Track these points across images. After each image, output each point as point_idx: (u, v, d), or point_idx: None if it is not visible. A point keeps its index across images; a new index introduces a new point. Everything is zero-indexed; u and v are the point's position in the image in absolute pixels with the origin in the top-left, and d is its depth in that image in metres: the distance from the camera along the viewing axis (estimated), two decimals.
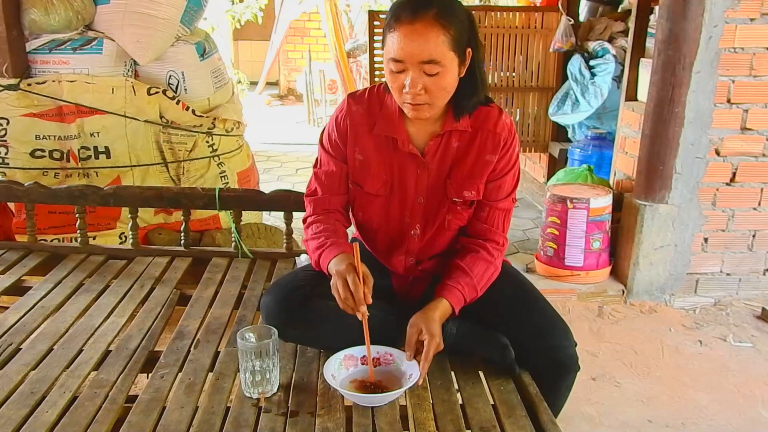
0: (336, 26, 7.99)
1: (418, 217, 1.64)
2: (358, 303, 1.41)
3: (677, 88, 2.88)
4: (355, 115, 1.60)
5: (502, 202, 1.64)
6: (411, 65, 1.40)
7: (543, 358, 1.54)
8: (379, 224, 1.67)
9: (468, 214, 1.64)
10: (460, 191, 1.59)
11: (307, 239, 1.65)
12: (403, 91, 1.44)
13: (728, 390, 2.49)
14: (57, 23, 2.80)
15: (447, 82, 1.44)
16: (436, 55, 1.39)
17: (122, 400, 1.45)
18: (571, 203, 3.10)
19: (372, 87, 1.64)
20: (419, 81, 1.41)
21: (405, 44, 1.39)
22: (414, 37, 1.38)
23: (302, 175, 5.66)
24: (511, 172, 1.62)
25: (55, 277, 2.14)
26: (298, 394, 1.45)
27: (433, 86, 1.43)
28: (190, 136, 3.03)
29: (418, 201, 1.62)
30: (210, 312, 1.92)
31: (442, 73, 1.42)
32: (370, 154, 1.60)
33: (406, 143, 1.57)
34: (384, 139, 1.59)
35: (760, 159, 3.02)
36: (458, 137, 1.57)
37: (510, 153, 1.60)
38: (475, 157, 1.58)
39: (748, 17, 2.81)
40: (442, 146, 1.58)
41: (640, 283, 3.16)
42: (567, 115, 4.24)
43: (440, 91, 1.44)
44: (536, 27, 4.43)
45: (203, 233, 3.08)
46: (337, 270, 1.47)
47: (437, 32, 1.38)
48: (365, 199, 1.65)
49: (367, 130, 1.59)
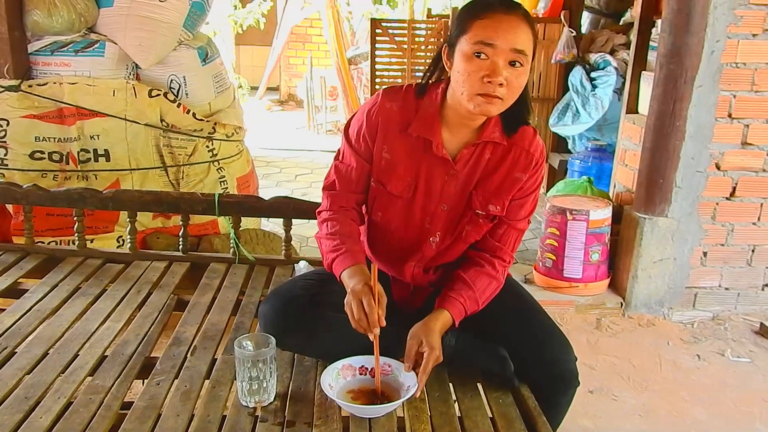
0: (338, 33, 8.01)
1: (440, 225, 1.61)
2: (372, 325, 1.40)
3: (678, 102, 2.88)
4: (389, 112, 1.56)
5: (520, 222, 1.63)
6: (500, 52, 1.37)
7: (542, 372, 1.53)
8: (397, 227, 1.63)
9: (487, 228, 1.62)
10: (486, 204, 1.57)
11: (320, 236, 1.61)
12: (482, 81, 1.39)
13: (726, 406, 2.48)
14: (59, 25, 2.80)
15: (524, 80, 1.43)
16: (527, 48, 1.39)
17: (117, 407, 1.44)
18: (571, 215, 3.10)
19: (408, 85, 1.59)
20: (504, 71, 1.39)
21: (501, 29, 1.38)
22: (511, 24, 1.38)
23: (301, 181, 5.65)
24: (535, 193, 1.62)
25: (52, 280, 2.12)
26: (295, 403, 1.44)
27: (515, 81, 1.40)
28: (190, 140, 3.02)
29: (441, 208, 1.59)
30: (207, 318, 1.91)
31: (524, 70, 1.41)
32: (399, 154, 1.56)
33: (440, 147, 1.53)
34: (416, 140, 1.55)
35: (761, 174, 3.02)
36: (492, 150, 1.55)
37: (538, 174, 1.60)
38: (506, 173, 1.56)
39: (750, 33, 2.82)
40: (475, 156, 1.55)
41: (638, 296, 3.15)
42: (567, 126, 4.25)
43: (518, 87, 1.43)
44: (538, 38, 4.43)
45: (201, 238, 3.07)
46: (353, 289, 1.44)
47: (527, 28, 1.40)
48: (387, 198, 1.61)
49: (399, 129, 1.55)
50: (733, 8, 2.78)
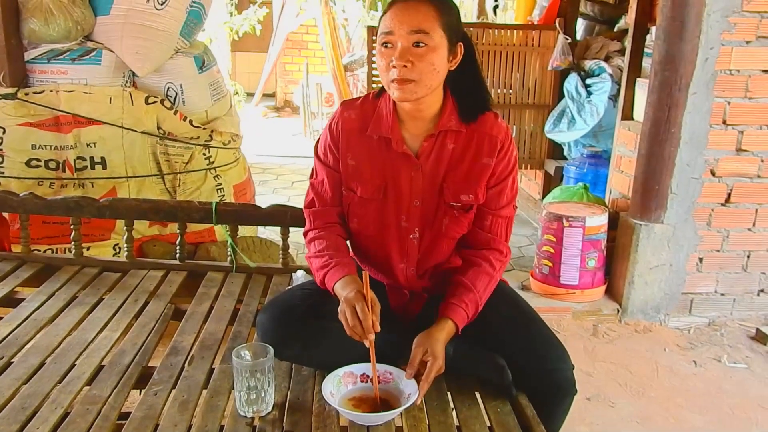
0: (334, 40, 8.02)
1: (416, 221, 1.62)
2: (366, 332, 1.41)
3: (673, 109, 2.90)
4: (348, 121, 1.61)
5: (504, 210, 1.63)
6: (400, 37, 1.43)
7: (540, 381, 1.53)
8: (376, 230, 1.65)
9: (467, 220, 1.63)
10: (457, 195, 1.59)
11: (310, 256, 1.64)
12: (390, 67, 1.45)
13: (723, 412, 2.48)
14: (56, 33, 2.80)
15: (434, 59, 1.45)
16: (426, 26, 1.43)
17: (115, 417, 1.43)
18: (567, 221, 3.11)
19: (366, 94, 1.65)
20: (407, 54, 1.43)
21: (396, 16, 1.45)
22: (405, 9, 1.45)
23: (298, 188, 5.65)
24: (511, 177, 1.62)
25: (49, 289, 2.12)
26: (293, 413, 1.44)
27: (420, 61, 1.44)
28: (187, 148, 3.02)
29: (414, 204, 1.61)
30: (205, 327, 1.90)
31: (429, 48, 1.44)
32: (363, 158, 1.60)
33: (400, 143, 1.57)
34: (377, 141, 1.59)
35: (755, 180, 3.03)
36: (453, 138, 1.57)
37: (508, 156, 1.60)
38: (472, 160, 1.58)
39: (743, 40, 2.84)
40: (437, 147, 1.57)
41: (635, 303, 3.16)
42: (563, 132, 4.26)
43: (427, 66, 1.45)
44: (533, 45, 4.46)
45: (198, 246, 3.07)
46: (346, 297, 1.46)
47: (428, 7, 1.44)
48: (360, 204, 1.63)
49: (359, 134, 1.60)
50: (726, 16, 2.80)
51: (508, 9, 5.89)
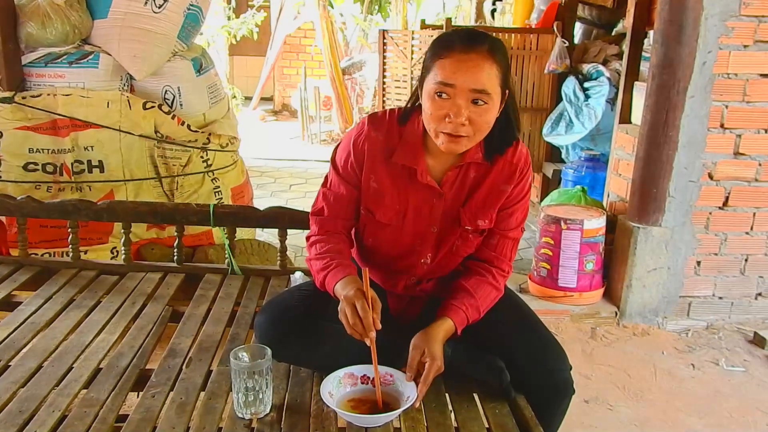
0: (331, 43, 8.04)
1: (430, 246, 1.62)
2: (367, 329, 1.40)
3: (671, 112, 2.90)
4: (375, 142, 1.56)
5: (512, 232, 1.64)
6: (461, 93, 1.38)
7: (538, 382, 1.53)
8: (388, 251, 1.65)
9: (477, 241, 1.63)
10: (474, 220, 1.58)
11: (310, 258, 1.62)
12: (445, 120, 1.41)
13: (721, 415, 2.48)
14: (53, 37, 2.80)
15: (491, 117, 1.43)
16: (489, 87, 1.39)
17: (112, 420, 1.43)
18: (565, 224, 3.11)
19: (391, 111, 1.60)
20: (465, 111, 1.39)
21: (459, 69, 1.38)
22: (470, 65, 1.38)
23: (296, 191, 5.65)
24: (523, 201, 1.62)
25: (46, 293, 2.11)
26: (291, 415, 1.44)
27: (479, 119, 1.41)
28: (185, 151, 3.02)
29: (431, 230, 1.60)
30: (202, 330, 1.90)
31: (488, 107, 1.41)
32: (385, 184, 1.57)
33: (425, 174, 1.54)
34: (401, 168, 1.56)
35: (753, 184, 3.04)
36: (476, 168, 1.57)
37: (524, 182, 1.60)
38: (490, 187, 1.57)
39: (741, 44, 2.84)
40: (460, 177, 1.57)
41: (633, 306, 3.16)
42: (561, 136, 4.27)
43: (484, 124, 1.43)
44: (531, 48, 4.47)
45: (196, 249, 3.06)
46: (346, 295, 1.45)
47: (491, 65, 1.39)
48: (376, 226, 1.62)
49: (384, 158, 1.56)
50: (724, 19, 2.80)
51: (506, 13, 5.91)
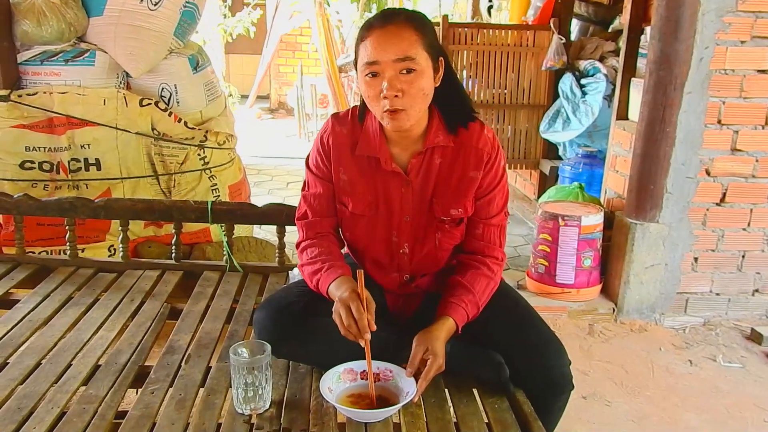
0: (328, 41, 8.03)
1: (406, 236, 1.63)
2: (362, 331, 1.40)
3: (668, 109, 2.90)
4: (339, 135, 1.60)
5: (494, 218, 1.63)
6: (386, 66, 1.41)
7: (537, 377, 1.53)
8: (366, 244, 1.67)
9: (459, 232, 1.64)
10: (447, 210, 1.59)
11: (302, 264, 1.63)
12: (380, 98, 1.44)
13: (719, 411, 2.48)
14: (49, 35, 2.79)
15: (423, 83, 1.44)
16: (411, 52, 1.41)
17: (111, 417, 1.43)
18: (563, 221, 3.11)
19: (354, 107, 1.64)
20: (396, 83, 1.42)
21: (378, 44, 1.41)
22: (387, 37, 1.41)
23: (293, 188, 5.65)
24: (499, 187, 1.62)
25: (44, 290, 2.11)
26: (290, 410, 1.44)
27: (410, 88, 1.43)
28: (182, 148, 3.01)
29: (404, 220, 1.61)
30: (201, 326, 1.90)
31: (417, 73, 1.42)
32: (354, 174, 1.60)
33: (389, 162, 1.56)
34: (366, 159, 1.58)
35: (750, 180, 3.04)
36: (440, 154, 1.57)
37: (495, 168, 1.60)
38: (460, 175, 1.58)
39: (738, 40, 2.85)
40: (425, 163, 1.57)
41: (630, 302, 3.17)
42: (558, 132, 4.27)
43: (417, 92, 1.44)
44: (528, 45, 4.47)
45: (193, 246, 3.06)
46: (340, 297, 1.45)
47: (409, 32, 1.42)
48: (351, 218, 1.64)
49: (350, 151, 1.59)
50: (721, 15, 2.81)
51: (502, 9, 5.91)
